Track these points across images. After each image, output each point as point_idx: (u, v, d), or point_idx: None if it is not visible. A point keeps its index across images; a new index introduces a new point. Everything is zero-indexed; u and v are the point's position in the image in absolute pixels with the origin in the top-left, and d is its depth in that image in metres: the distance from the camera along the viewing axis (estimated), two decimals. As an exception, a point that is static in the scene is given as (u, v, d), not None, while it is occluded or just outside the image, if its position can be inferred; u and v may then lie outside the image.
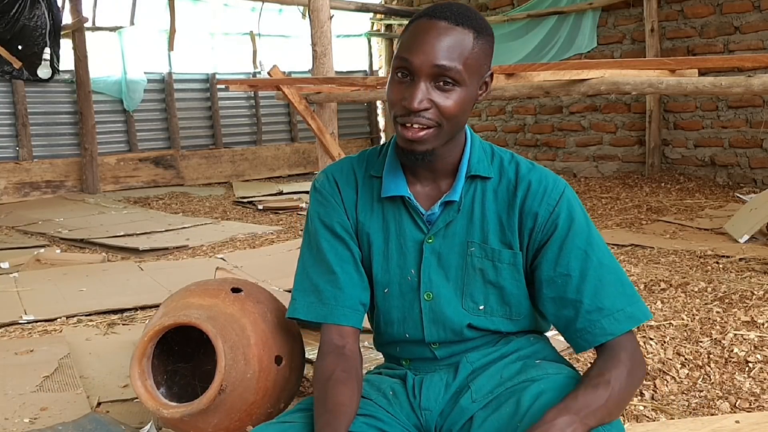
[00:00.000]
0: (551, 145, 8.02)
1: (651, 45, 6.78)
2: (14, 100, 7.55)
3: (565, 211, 1.31)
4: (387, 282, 1.40)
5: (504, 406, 1.27)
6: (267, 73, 4.41)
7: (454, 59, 1.22)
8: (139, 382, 1.57)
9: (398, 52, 1.26)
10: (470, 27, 1.24)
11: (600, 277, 1.28)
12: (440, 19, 1.23)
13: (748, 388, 2.05)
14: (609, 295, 1.27)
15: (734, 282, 3.08)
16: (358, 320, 1.38)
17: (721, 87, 2.92)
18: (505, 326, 1.39)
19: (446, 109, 1.23)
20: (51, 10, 7.46)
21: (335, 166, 1.46)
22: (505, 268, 1.35)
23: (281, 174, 9.29)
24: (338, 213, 1.40)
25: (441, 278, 1.37)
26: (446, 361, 1.40)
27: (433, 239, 1.36)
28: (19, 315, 3.09)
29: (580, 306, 1.27)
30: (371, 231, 1.40)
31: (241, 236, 5.02)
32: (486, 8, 8.44)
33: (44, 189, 7.65)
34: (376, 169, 1.41)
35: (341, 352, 1.34)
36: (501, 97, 3.76)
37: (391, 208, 1.39)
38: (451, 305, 1.37)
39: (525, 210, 1.33)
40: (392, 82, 1.27)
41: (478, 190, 1.36)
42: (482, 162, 1.37)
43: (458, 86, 1.24)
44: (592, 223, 1.34)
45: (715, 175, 6.58)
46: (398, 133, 1.27)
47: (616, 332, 1.25)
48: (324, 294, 1.37)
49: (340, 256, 1.39)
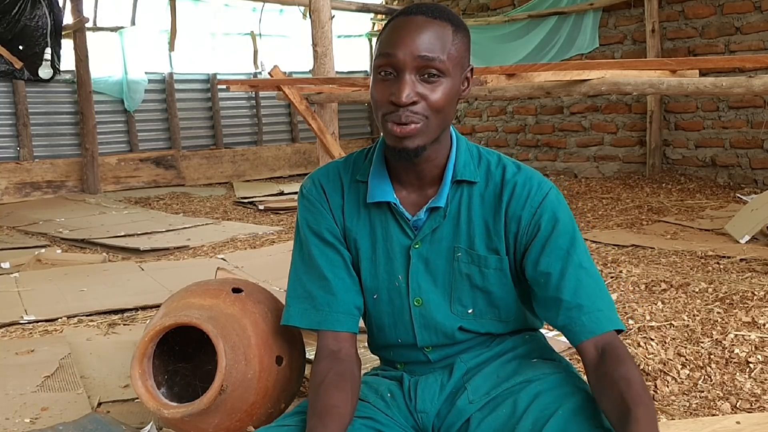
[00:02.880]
0: (552, 146, 8.02)
1: (652, 45, 6.78)
2: (15, 100, 7.55)
3: (549, 212, 1.30)
4: (376, 288, 1.39)
5: (501, 407, 1.27)
6: (268, 73, 4.41)
7: (437, 50, 1.22)
8: (139, 382, 1.57)
9: (379, 51, 1.25)
10: (447, 20, 1.25)
11: (579, 277, 1.27)
12: (417, 14, 1.24)
13: (749, 388, 2.04)
14: (588, 295, 1.26)
15: (735, 283, 3.08)
16: (353, 324, 1.38)
17: (722, 87, 2.92)
18: (495, 328, 1.39)
19: (434, 102, 1.23)
20: (52, 10, 7.46)
21: (321, 171, 1.45)
22: (491, 273, 1.34)
23: (282, 174, 9.29)
24: (326, 219, 1.40)
25: (429, 284, 1.36)
26: (440, 363, 1.40)
27: (420, 245, 1.36)
28: (20, 315, 3.09)
29: (560, 303, 1.26)
30: (358, 236, 1.39)
31: (241, 236, 5.02)
32: (486, 8, 8.44)
33: (45, 189, 7.65)
34: (362, 173, 1.40)
35: (336, 356, 1.33)
36: (502, 97, 3.76)
37: (378, 213, 1.38)
38: (440, 310, 1.37)
39: (509, 214, 1.32)
40: (375, 82, 1.26)
41: (464, 195, 1.35)
42: (468, 166, 1.35)
43: (443, 77, 1.23)
44: (578, 229, 1.33)
45: (715, 175, 6.58)
46: (387, 131, 1.26)
47: (596, 331, 1.23)
48: (317, 300, 1.37)
49: (332, 262, 1.38)
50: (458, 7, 8.73)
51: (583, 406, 1.21)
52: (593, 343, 1.23)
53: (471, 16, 8.56)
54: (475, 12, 8.57)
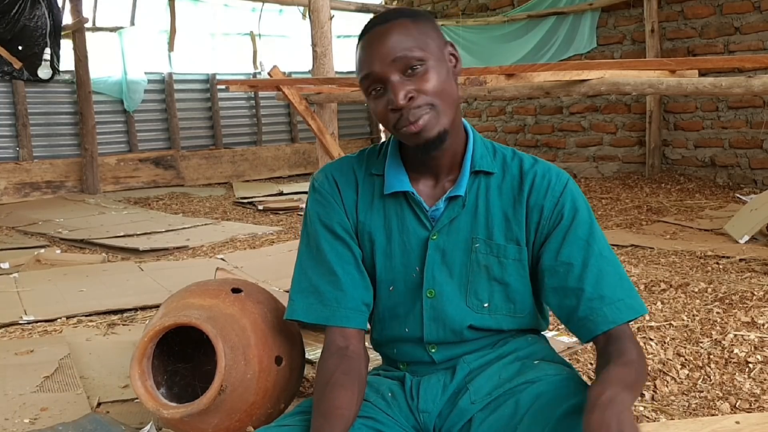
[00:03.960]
0: (551, 146, 8.02)
1: (651, 45, 6.78)
2: (14, 101, 7.55)
3: (570, 202, 1.33)
4: (391, 280, 1.39)
5: (503, 408, 1.27)
6: (267, 73, 4.41)
7: (407, 45, 1.24)
8: (139, 382, 1.57)
9: (360, 75, 1.29)
10: (402, 17, 1.28)
11: (601, 267, 1.29)
12: (374, 26, 1.28)
13: (749, 388, 2.05)
14: (609, 285, 1.28)
15: (734, 283, 3.08)
16: (361, 321, 1.37)
17: (721, 87, 2.92)
18: (507, 323, 1.39)
19: (429, 89, 1.25)
20: (51, 11, 7.46)
21: (334, 165, 1.45)
22: (510, 264, 1.35)
23: (281, 174, 9.29)
24: (338, 213, 1.39)
25: (445, 276, 1.36)
26: (444, 365, 1.40)
27: (438, 236, 1.36)
28: (20, 315, 3.09)
29: (581, 294, 1.28)
30: (373, 229, 1.39)
31: (241, 237, 5.02)
32: (486, 8, 8.44)
33: (44, 189, 7.65)
34: (376, 167, 1.41)
35: (344, 354, 1.33)
36: (501, 97, 3.76)
37: (394, 205, 1.38)
38: (452, 303, 1.36)
39: (531, 204, 1.34)
40: (371, 101, 1.29)
41: (482, 185, 1.36)
42: (485, 158, 1.37)
43: (425, 63, 1.25)
44: (594, 216, 1.35)
45: (715, 175, 6.58)
46: (403, 136, 1.28)
47: (617, 320, 1.26)
48: (325, 296, 1.36)
49: (342, 257, 1.38)
50: (458, 7, 8.73)
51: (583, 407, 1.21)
52: (616, 334, 1.26)
53: (470, 16, 8.57)
54: (474, 12, 8.57)
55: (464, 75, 3.37)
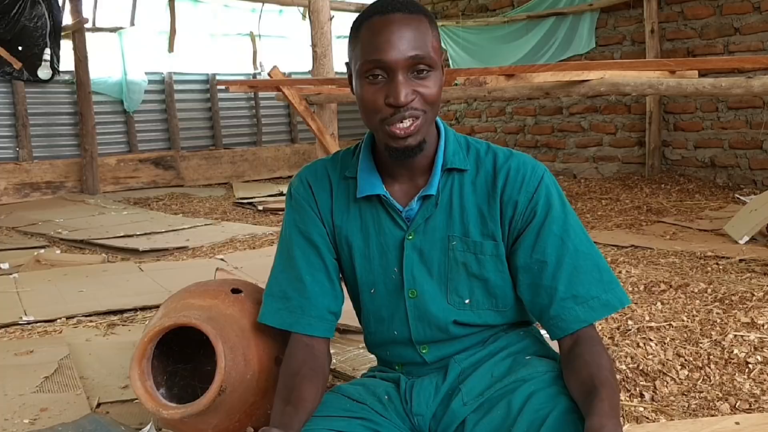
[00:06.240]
0: (551, 146, 8.02)
1: (651, 46, 6.78)
2: (14, 101, 7.55)
3: (544, 197, 1.31)
4: (372, 282, 1.40)
5: (495, 409, 1.26)
6: (267, 74, 4.41)
7: (424, 47, 1.23)
8: (138, 383, 1.57)
9: (363, 56, 1.24)
10: (422, 13, 1.26)
11: (575, 264, 1.28)
12: (394, 12, 1.23)
13: (748, 389, 2.04)
14: (584, 283, 1.28)
15: (734, 283, 3.08)
16: (325, 329, 1.39)
17: (721, 88, 2.92)
18: (492, 318, 1.39)
19: (429, 96, 1.24)
20: (51, 11, 7.46)
21: (309, 170, 1.45)
22: (488, 260, 1.34)
23: (281, 175, 9.29)
24: (313, 220, 1.40)
25: (424, 275, 1.36)
26: (436, 364, 1.40)
27: (414, 236, 1.36)
28: (19, 316, 3.09)
29: (554, 293, 1.28)
30: (350, 233, 1.39)
31: (240, 237, 5.02)
32: (486, 9, 8.44)
33: (44, 190, 7.65)
34: (350, 170, 1.40)
35: (311, 351, 1.37)
36: (501, 98, 3.76)
37: (369, 208, 1.38)
38: (435, 302, 1.36)
39: (505, 199, 1.33)
40: (365, 87, 1.25)
41: (455, 183, 1.35)
42: (458, 154, 1.36)
43: (432, 71, 1.25)
44: (570, 208, 1.34)
45: (715, 176, 6.58)
46: (386, 133, 1.26)
47: (589, 319, 1.27)
48: (292, 302, 1.39)
49: (312, 265, 1.39)
50: (457, 8, 8.73)
51: (575, 405, 1.21)
52: (585, 332, 1.28)
53: (470, 16, 8.56)
54: (474, 13, 8.57)
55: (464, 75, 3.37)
